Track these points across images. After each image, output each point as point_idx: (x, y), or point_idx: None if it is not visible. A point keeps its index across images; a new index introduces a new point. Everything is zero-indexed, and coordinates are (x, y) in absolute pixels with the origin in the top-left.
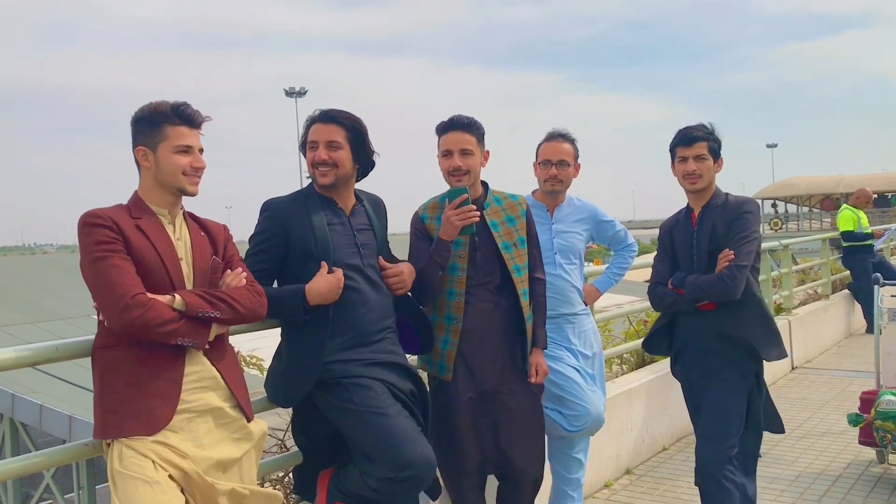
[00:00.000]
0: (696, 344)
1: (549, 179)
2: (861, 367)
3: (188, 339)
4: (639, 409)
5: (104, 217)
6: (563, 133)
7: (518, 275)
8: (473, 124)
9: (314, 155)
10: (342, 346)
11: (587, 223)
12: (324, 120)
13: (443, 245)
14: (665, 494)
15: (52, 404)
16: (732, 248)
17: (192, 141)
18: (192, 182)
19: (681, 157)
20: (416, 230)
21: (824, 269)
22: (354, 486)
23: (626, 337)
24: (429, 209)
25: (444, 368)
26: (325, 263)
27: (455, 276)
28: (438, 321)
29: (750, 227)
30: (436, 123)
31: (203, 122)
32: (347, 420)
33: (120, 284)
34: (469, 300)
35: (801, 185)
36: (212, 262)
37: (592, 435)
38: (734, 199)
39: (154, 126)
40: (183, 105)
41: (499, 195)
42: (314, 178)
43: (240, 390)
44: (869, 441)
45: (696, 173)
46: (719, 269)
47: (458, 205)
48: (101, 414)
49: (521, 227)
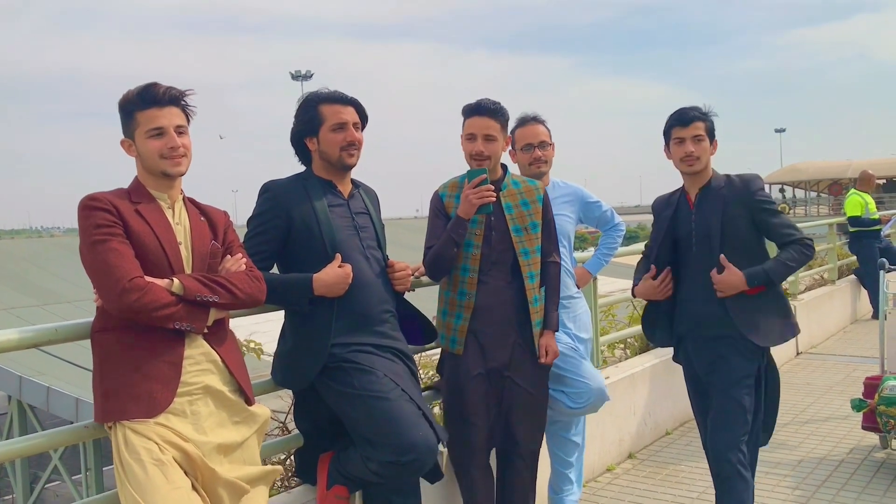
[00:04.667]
0: (701, 330)
1: (534, 162)
2: (866, 353)
3: (186, 324)
4: (642, 393)
5: (104, 200)
6: (535, 116)
7: (526, 258)
8: (499, 110)
9: (344, 136)
10: (344, 328)
11: (574, 205)
12: (345, 102)
13: (460, 222)
14: (668, 478)
15: (60, 386)
16: (770, 223)
17: (163, 121)
18: (173, 164)
19: (678, 138)
20: (435, 208)
21: (830, 254)
22: (355, 470)
23: (630, 321)
24: (448, 188)
25: (456, 342)
26: (339, 255)
27: (470, 252)
28: (451, 296)
29: (774, 203)
30: (441, 109)
31: (177, 95)
32: (349, 404)
33: (118, 268)
34: (482, 278)
35: (809, 169)
36: (211, 247)
37: (596, 411)
38: (739, 178)
39: (128, 115)
40: (148, 86)
41: (517, 179)
42: (342, 159)
43: (241, 373)
44: (872, 426)
45: (694, 155)
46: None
47: (476, 184)
48: (101, 397)
49: (536, 212)
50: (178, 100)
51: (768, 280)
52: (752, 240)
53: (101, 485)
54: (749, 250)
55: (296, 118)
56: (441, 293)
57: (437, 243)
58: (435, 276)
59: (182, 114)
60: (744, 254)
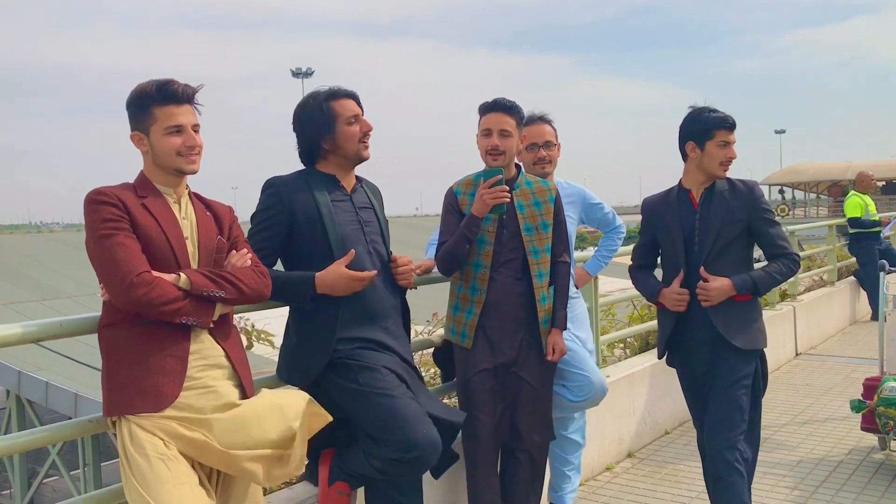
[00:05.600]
0: (701, 333)
1: (538, 162)
2: (865, 354)
3: (192, 318)
4: (641, 392)
5: (110, 195)
6: (542, 115)
7: (535, 257)
8: (515, 108)
9: (361, 126)
10: (349, 323)
11: (576, 206)
12: (350, 96)
13: (474, 221)
14: (667, 478)
15: (58, 382)
16: (766, 233)
17: (183, 119)
18: (188, 161)
19: (723, 141)
20: (449, 204)
21: (830, 255)
22: (358, 467)
23: (630, 321)
24: (462, 185)
25: (466, 336)
26: (352, 252)
27: (482, 248)
28: (464, 292)
29: (773, 212)
30: (442, 107)
31: (192, 94)
32: (353, 400)
33: (125, 262)
34: (493, 275)
35: (809, 171)
36: (217, 242)
37: (597, 405)
38: (742, 183)
39: (143, 109)
40: (166, 83)
41: (530, 179)
42: (359, 152)
43: (243, 370)
44: (871, 427)
45: (733, 160)
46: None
47: (492, 185)
48: (108, 392)
49: (548, 213)
50: (192, 98)
51: (756, 290)
52: (745, 245)
53: (99, 480)
54: (739, 255)
55: (304, 123)
56: (453, 288)
57: (451, 240)
58: (447, 272)
59: (194, 112)
60: (734, 258)
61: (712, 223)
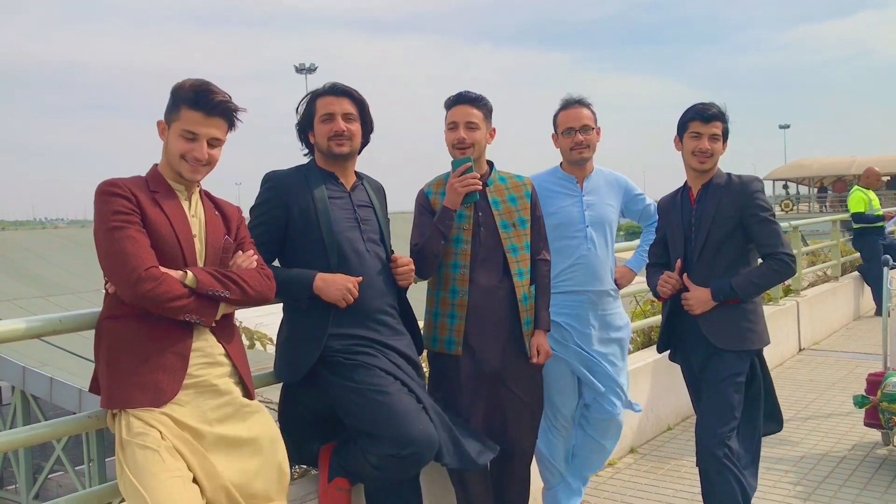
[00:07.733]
0: (696, 330)
1: (575, 147)
2: (869, 350)
3: (195, 316)
4: (644, 388)
5: (123, 187)
6: (580, 99)
7: (514, 254)
8: (480, 100)
9: (332, 126)
10: (342, 320)
11: (618, 194)
12: (336, 93)
13: (447, 213)
14: (669, 473)
15: (63, 377)
16: (756, 231)
17: (202, 130)
18: (191, 169)
19: (695, 132)
20: (421, 205)
21: (834, 250)
22: (355, 464)
23: (633, 316)
24: (433, 185)
25: (454, 343)
26: (363, 278)
27: (459, 248)
28: (443, 295)
29: (768, 209)
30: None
31: (226, 110)
32: (349, 397)
33: (134, 256)
34: (473, 277)
35: (813, 166)
36: (224, 242)
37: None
38: (738, 178)
39: (175, 104)
40: (204, 90)
41: (504, 174)
42: (330, 149)
43: (244, 369)
44: (874, 423)
45: (708, 152)
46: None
47: (461, 173)
48: (107, 385)
49: (524, 208)
50: (228, 113)
51: (735, 296)
52: (742, 242)
53: (103, 475)
54: (737, 252)
55: (299, 118)
56: (430, 294)
57: (424, 238)
58: (423, 273)
59: (224, 127)
60: (732, 256)
61: (704, 220)
